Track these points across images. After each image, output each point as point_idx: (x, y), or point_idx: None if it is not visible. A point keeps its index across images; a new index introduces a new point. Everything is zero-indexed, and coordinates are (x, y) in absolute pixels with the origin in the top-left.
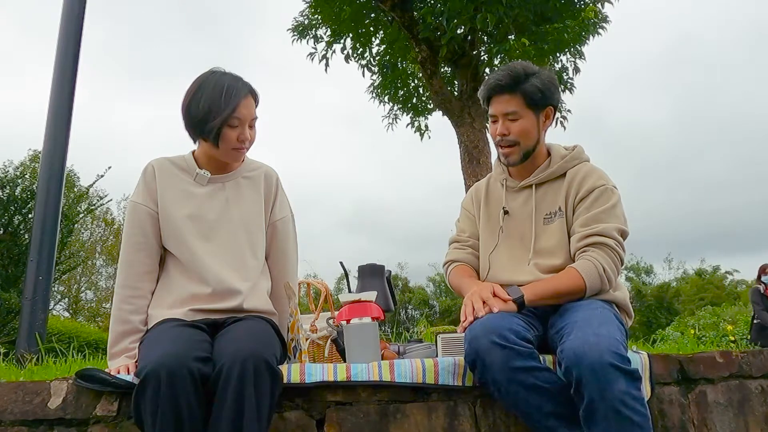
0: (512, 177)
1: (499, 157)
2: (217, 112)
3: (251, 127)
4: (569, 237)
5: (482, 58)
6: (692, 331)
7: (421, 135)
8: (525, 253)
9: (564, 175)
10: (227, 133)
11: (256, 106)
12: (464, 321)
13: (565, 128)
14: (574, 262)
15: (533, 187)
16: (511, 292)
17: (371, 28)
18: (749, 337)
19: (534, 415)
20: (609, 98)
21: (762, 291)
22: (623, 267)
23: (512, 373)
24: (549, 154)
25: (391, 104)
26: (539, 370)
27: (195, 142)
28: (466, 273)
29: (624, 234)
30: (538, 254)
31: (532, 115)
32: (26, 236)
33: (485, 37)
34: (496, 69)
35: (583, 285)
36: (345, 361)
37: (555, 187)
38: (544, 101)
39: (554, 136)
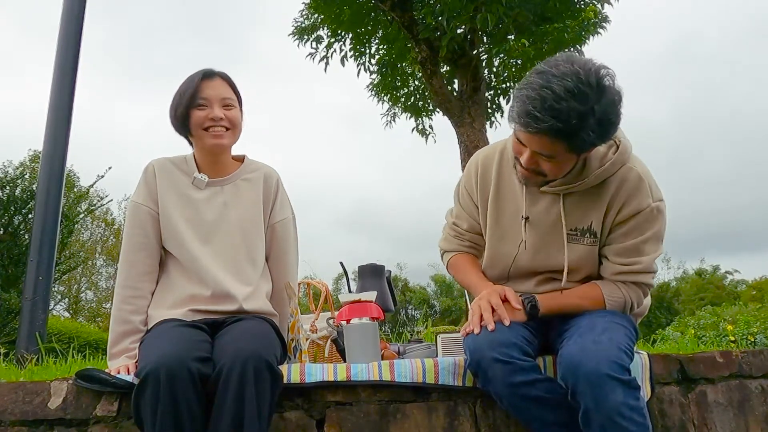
0: None
1: (515, 166)
2: (182, 97)
3: (227, 107)
4: (598, 256)
5: (482, 58)
6: (692, 331)
7: (425, 137)
8: (543, 271)
9: (602, 182)
10: (195, 115)
11: (232, 88)
12: (468, 329)
13: None
14: (599, 277)
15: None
16: (526, 302)
17: (371, 28)
18: None
19: (536, 425)
20: None
21: None
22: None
23: (514, 387)
24: None
25: (390, 104)
26: (540, 381)
27: (190, 144)
28: (474, 265)
29: (658, 255)
30: (558, 273)
31: (573, 158)
32: (26, 236)
33: (485, 37)
34: (534, 94)
35: (604, 309)
36: (345, 361)
37: (590, 197)
38: (593, 144)
39: None
